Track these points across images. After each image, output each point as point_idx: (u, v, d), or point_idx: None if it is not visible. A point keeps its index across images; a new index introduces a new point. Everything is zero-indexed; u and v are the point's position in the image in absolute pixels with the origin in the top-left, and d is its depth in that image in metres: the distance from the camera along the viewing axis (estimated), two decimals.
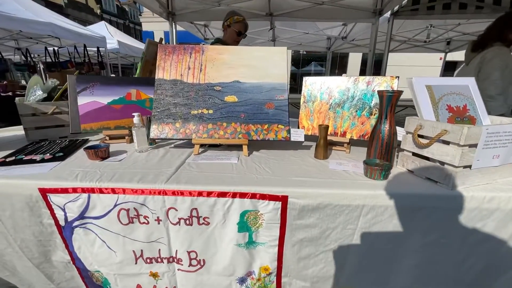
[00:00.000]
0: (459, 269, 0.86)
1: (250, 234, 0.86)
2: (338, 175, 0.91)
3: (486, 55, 2.04)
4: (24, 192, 0.85)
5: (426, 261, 0.85)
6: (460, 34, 4.62)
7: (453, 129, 0.75)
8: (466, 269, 0.86)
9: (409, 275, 0.89)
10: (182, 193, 0.81)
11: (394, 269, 0.88)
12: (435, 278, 0.88)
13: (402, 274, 0.89)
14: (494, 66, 1.98)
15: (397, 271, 0.89)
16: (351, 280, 0.91)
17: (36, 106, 1.26)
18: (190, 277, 0.94)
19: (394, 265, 0.88)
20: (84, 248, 0.92)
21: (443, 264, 0.86)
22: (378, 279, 0.91)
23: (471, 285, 0.88)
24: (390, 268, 0.88)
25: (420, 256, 0.85)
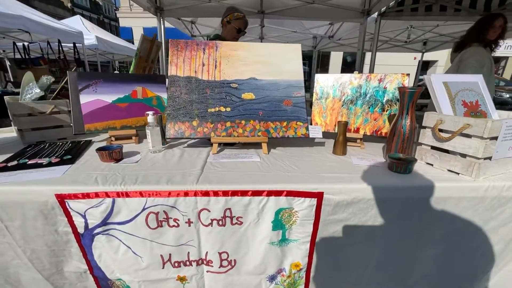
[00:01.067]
0: (474, 255, 0.92)
1: (283, 231, 0.85)
2: (364, 170, 0.93)
3: (464, 55, 2.23)
4: (38, 199, 0.78)
5: (447, 249, 0.90)
6: (437, 35, 4.92)
7: (476, 123, 0.80)
8: (480, 255, 0.92)
9: (430, 264, 0.94)
10: (216, 193, 0.79)
11: (418, 259, 0.92)
12: (453, 265, 0.93)
13: (425, 263, 0.93)
14: (468, 65, 2.16)
15: (420, 261, 0.93)
16: (377, 270, 0.94)
17: (32, 105, 1.15)
18: (220, 278, 0.91)
19: (418, 255, 0.92)
20: (106, 256, 0.86)
21: (462, 251, 0.91)
22: (402, 269, 0.95)
23: (483, 271, 0.95)
24: (415, 258, 0.92)
25: (442, 245, 0.90)
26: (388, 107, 1.21)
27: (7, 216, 0.80)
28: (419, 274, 0.96)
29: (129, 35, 12.79)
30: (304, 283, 0.96)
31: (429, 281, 0.98)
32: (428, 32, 4.74)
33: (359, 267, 0.93)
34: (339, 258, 0.91)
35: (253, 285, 0.94)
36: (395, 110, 1.21)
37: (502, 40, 2.25)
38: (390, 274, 0.96)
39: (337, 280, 0.97)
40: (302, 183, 0.81)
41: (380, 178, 0.86)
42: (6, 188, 0.77)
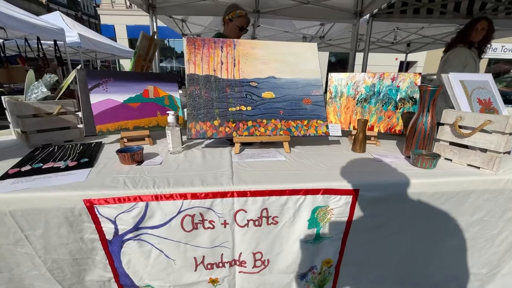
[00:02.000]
0: (493, 243, 0.97)
1: (318, 229, 0.85)
2: (389, 166, 0.96)
3: (449, 56, 2.41)
4: (65, 205, 0.73)
5: (469, 238, 0.95)
6: (420, 37, 5.15)
7: (497, 119, 0.84)
8: (499, 242, 0.97)
9: (452, 252, 0.98)
10: (254, 193, 0.77)
11: (442, 249, 0.96)
12: (474, 253, 0.98)
13: (446, 253, 0.98)
14: (451, 64, 2.33)
15: (440, 252, 0.97)
16: (403, 260, 0.97)
17: (38, 106, 1.08)
18: (252, 278, 0.90)
19: (441, 245, 0.96)
20: (135, 262, 0.82)
21: (482, 239, 0.96)
22: (424, 260, 0.98)
23: (501, 258, 1.00)
24: (440, 248, 0.95)
25: (463, 236, 0.94)
26: (401, 105, 1.25)
27: (28, 225, 0.74)
28: (438, 265, 1.00)
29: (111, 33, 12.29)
30: (333, 279, 0.97)
31: (447, 272, 1.03)
32: (413, 34, 4.95)
33: (384, 259, 0.95)
34: (365, 252, 0.93)
35: (284, 284, 0.94)
36: (408, 108, 1.25)
37: (489, 42, 2.41)
38: (412, 264, 0.99)
39: (360, 273, 0.99)
40: (337, 181, 0.82)
41: (408, 174, 0.88)
42: (28, 195, 0.72)
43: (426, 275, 1.02)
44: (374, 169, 0.92)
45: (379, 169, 0.93)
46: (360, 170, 0.91)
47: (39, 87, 1.11)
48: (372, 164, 0.98)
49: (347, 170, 0.91)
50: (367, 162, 1.01)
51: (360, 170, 0.91)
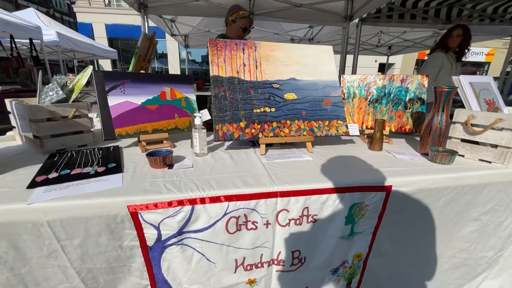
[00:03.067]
0: (499, 228, 1.06)
1: (352, 225, 0.89)
2: (411, 163, 1.02)
3: (428, 59, 2.70)
4: (108, 212, 0.70)
5: (481, 225, 1.03)
6: (402, 40, 5.44)
7: (508, 117, 0.93)
8: (504, 227, 1.06)
9: (466, 239, 1.06)
10: (296, 193, 0.79)
11: (458, 236, 1.03)
12: (483, 238, 1.07)
13: (461, 240, 1.05)
14: (428, 66, 2.62)
15: (458, 238, 1.04)
16: (422, 248, 1.03)
17: (53, 109, 1.02)
18: (288, 276, 0.92)
19: (457, 233, 1.03)
20: (176, 267, 0.80)
21: (491, 226, 1.05)
22: (441, 247, 1.05)
23: (505, 242, 1.10)
24: (456, 235, 1.03)
25: (478, 223, 1.02)
26: (411, 105, 1.33)
27: (66, 235, 0.70)
28: (454, 250, 1.07)
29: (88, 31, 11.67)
30: (361, 271, 1.01)
31: (461, 255, 1.10)
32: (395, 37, 5.22)
33: (407, 249, 1.01)
34: (391, 244, 0.98)
35: (317, 280, 0.96)
36: (416, 108, 1.33)
37: (467, 47, 2.65)
38: (431, 251, 1.05)
39: (385, 264, 1.04)
40: (372, 178, 0.86)
41: (431, 170, 0.94)
42: (67, 203, 0.68)
43: (442, 260, 1.09)
44: (401, 166, 0.97)
45: (405, 165, 0.98)
46: (388, 167, 0.96)
47: (54, 89, 1.04)
48: (394, 161, 1.04)
49: (377, 167, 0.96)
50: (390, 159, 1.06)
51: (388, 167, 0.96)
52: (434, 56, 2.61)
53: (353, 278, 1.02)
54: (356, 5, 3.41)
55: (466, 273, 1.15)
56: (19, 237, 0.68)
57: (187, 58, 6.21)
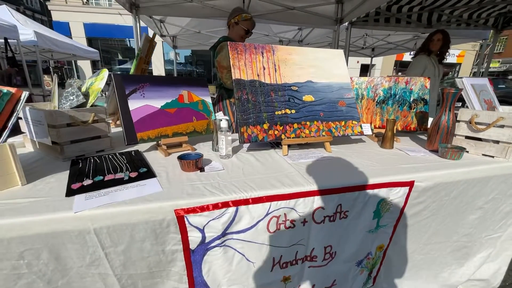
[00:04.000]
0: (495, 213, 1.17)
1: (378, 219, 0.94)
2: (424, 159, 1.09)
3: (413, 62, 2.93)
4: (154, 217, 0.70)
5: (483, 212, 1.13)
6: (385, 43, 5.71)
7: (509, 116, 1.03)
8: (498, 212, 1.17)
9: (470, 225, 1.15)
10: (331, 191, 0.83)
11: (465, 223, 1.13)
12: (483, 223, 1.17)
13: (466, 226, 1.14)
14: (413, 68, 2.83)
15: (464, 224, 1.14)
16: (433, 235, 1.11)
17: (73, 114, 0.98)
18: (319, 271, 0.95)
19: (464, 220, 1.12)
20: (216, 269, 0.81)
21: (489, 212, 1.15)
22: (449, 232, 1.14)
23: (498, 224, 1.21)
24: (463, 222, 1.12)
25: (481, 211, 1.12)
26: (415, 105, 1.42)
27: (111, 242, 0.69)
28: (459, 236, 1.16)
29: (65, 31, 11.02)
30: (381, 261, 1.08)
31: (463, 239, 1.19)
32: (380, 40, 5.47)
33: (420, 237, 1.09)
34: (407, 233, 1.05)
35: (344, 272, 1.01)
36: (420, 108, 1.42)
37: (447, 50, 2.87)
38: (443, 237, 1.14)
39: (401, 253, 1.11)
40: (396, 174, 0.92)
41: (445, 165, 1.03)
42: (113, 210, 0.68)
43: (447, 245, 1.18)
44: (416, 162, 1.05)
45: (420, 162, 1.06)
46: (405, 164, 1.02)
47: (74, 93, 1.01)
48: (410, 158, 1.11)
49: (397, 164, 1.02)
50: (404, 156, 1.13)
51: (405, 163, 1.03)
52: (418, 59, 2.83)
53: (374, 268, 1.08)
54: (346, 9, 3.54)
55: (466, 254, 1.24)
56: (62, 246, 0.67)
57: (175, 59, 6.10)
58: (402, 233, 1.05)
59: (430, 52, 2.80)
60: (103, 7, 12.61)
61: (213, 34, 5.36)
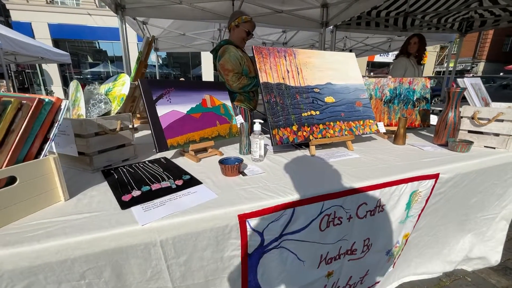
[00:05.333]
0: (490, 196, 1.30)
1: (408, 210, 1.02)
2: (438, 153, 1.19)
3: (394, 63, 3.19)
4: (219, 224, 0.70)
5: (482, 195, 1.25)
6: (363, 45, 6.05)
7: (507, 111, 1.17)
8: (491, 193, 1.30)
9: (469, 207, 1.26)
10: (374, 187, 0.88)
11: (467, 205, 1.24)
12: (479, 204, 1.29)
13: (466, 208, 1.26)
14: (395, 69, 3.10)
15: (466, 207, 1.25)
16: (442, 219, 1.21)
17: (101, 122, 0.93)
18: (356, 263, 1.00)
19: (471, 202, 1.23)
20: (270, 271, 0.82)
21: (488, 195, 1.27)
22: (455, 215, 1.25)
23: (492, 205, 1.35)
24: (471, 203, 1.23)
25: (481, 194, 1.24)
26: (418, 104, 1.54)
27: (174, 253, 0.68)
28: (461, 217, 1.28)
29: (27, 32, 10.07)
30: (403, 247, 1.15)
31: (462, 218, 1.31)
32: (359, 42, 5.78)
33: (435, 222, 1.18)
34: (425, 220, 1.14)
35: (375, 262, 1.07)
36: (422, 106, 1.54)
37: (423, 52, 3.13)
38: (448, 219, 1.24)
39: (417, 238, 1.20)
40: (423, 168, 1.00)
41: (458, 157, 1.13)
42: (178, 220, 0.66)
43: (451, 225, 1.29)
44: (432, 156, 1.14)
45: (435, 156, 1.15)
46: (424, 158, 1.11)
47: (102, 100, 0.95)
48: (424, 153, 1.21)
49: (418, 158, 1.11)
50: (419, 151, 1.23)
51: (424, 158, 1.12)
52: (399, 61, 3.09)
53: (397, 255, 1.15)
54: (331, 13, 3.69)
55: (461, 231, 1.37)
56: (125, 262, 0.64)
57: (157, 62, 5.90)
58: (422, 220, 1.14)
59: (409, 55, 3.05)
60: (70, 7, 11.76)
61: (197, 36, 5.29)
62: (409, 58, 3.06)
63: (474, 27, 4.46)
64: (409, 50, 3.03)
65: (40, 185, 0.66)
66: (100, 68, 13.99)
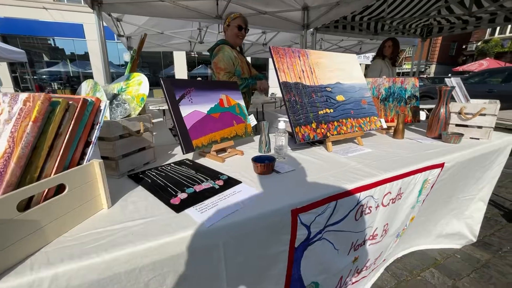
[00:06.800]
0: (470, 178, 1.50)
1: (418, 196, 1.12)
2: (435, 145, 1.33)
3: (371, 65, 3.50)
4: (274, 220, 0.71)
5: (465, 180, 1.43)
6: (337, 47, 6.38)
7: (489, 106, 1.34)
8: (471, 176, 1.49)
9: (455, 188, 1.43)
10: (397, 177, 0.96)
11: (462, 187, 1.41)
12: (463, 188, 1.47)
13: (459, 189, 1.43)
14: (371, 70, 3.36)
15: (461, 188, 1.42)
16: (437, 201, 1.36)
17: (126, 124, 0.88)
18: (375, 247, 1.08)
19: (460, 186, 1.40)
20: (312, 262, 0.85)
21: (469, 179, 1.46)
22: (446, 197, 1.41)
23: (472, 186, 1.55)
24: (460, 187, 1.40)
25: (465, 179, 1.41)
26: (409, 101, 1.69)
27: (234, 254, 0.68)
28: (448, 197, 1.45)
29: None
30: (405, 229, 1.27)
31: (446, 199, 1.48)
32: (334, 45, 6.09)
33: (433, 204, 1.32)
34: (427, 203, 1.26)
35: (387, 245, 1.17)
36: (413, 103, 1.70)
37: (397, 54, 3.43)
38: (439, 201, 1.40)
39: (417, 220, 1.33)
40: (432, 158, 1.11)
41: (454, 148, 1.27)
42: (237, 219, 0.66)
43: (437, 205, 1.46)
44: (432, 148, 1.26)
45: (434, 148, 1.28)
46: (425, 150, 1.23)
47: (126, 101, 0.89)
48: (423, 145, 1.33)
49: (421, 150, 1.22)
50: (418, 144, 1.35)
51: (425, 150, 1.24)
52: (375, 62, 3.36)
53: (402, 235, 1.27)
54: (312, 16, 3.85)
55: (446, 210, 1.54)
56: (188, 267, 0.62)
57: None
58: (425, 204, 1.26)
59: (384, 57, 3.32)
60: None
61: (175, 35, 5.12)
62: (384, 60, 3.32)
63: (433, 33, 4.97)
64: (384, 52, 3.28)
65: (85, 193, 0.61)
66: (59, 67, 12.75)
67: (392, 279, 1.40)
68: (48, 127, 0.53)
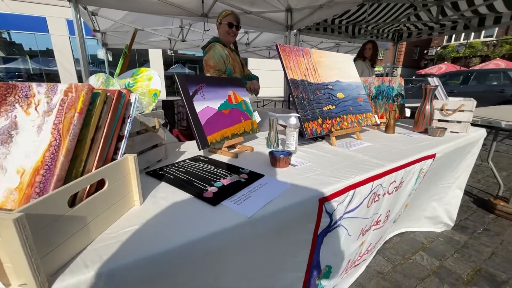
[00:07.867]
0: (448, 167, 1.67)
1: (415, 185, 1.23)
2: (423, 139, 1.46)
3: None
4: (303, 210, 0.74)
5: (445, 169, 1.59)
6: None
7: (467, 103, 1.51)
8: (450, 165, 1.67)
9: (443, 177, 1.60)
10: (402, 167, 1.05)
11: (446, 175, 1.56)
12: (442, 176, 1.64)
13: (443, 177, 1.59)
14: None
15: (445, 176, 1.58)
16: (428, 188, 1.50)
17: (143, 119, 0.85)
18: (377, 232, 1.17)
19: (445, 174, 1.56)
20: (329, 248, 0.90)
21: (449, 169, 1.63)
22: (434, 185, 1.56)
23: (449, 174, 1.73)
24: (446, 175, 1.56)
25: (446, 168, 1.58)
26: (396, 99, 1.83)
27: (271, 244, 0.70)
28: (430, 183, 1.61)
29: None
30: (400, 215, 1.38)
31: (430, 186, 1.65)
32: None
33: (423, 191, 1.46)
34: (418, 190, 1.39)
35: (386, 230, 1.27)
36: (400, 101, 1.84)
37: (376, 56, 3.66)
38: (424, 188, 1.55)
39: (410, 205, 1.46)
40: (427, 150, 1.22)
41: (440, 141, 1.40)
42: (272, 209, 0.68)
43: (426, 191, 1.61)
44: (421, 141, 1.38)
45: (423, 141, 1.40)
46: (417, 143, 1.35)
47: (145, 97, 0.86)
48: (414, 139, 1.45)
49: (414, 143, 1.34)
50: (409, 138, 1.47)
51: (416, 143, 1.35)
52: (357, 63, 3.52)
53: (397, 220, 1.38)
54: (296, 18, 3.96)
55: (428, 196, 1.71)
56: (234, 256, 0.63)
57: (107, 59, 5.26)
58: (417, 191, 1.38)
59: (365, 58, 3.52)
60: None
61: (155, 32, 4.94)
62: (365, 62, 3.53)
63: (403, 38, 5.37)
64: (365, 54, 3.48)
65: (121, 188, 0.59)
66: (18, 64, 11.61)
67: (388, 264, 1.51)
68: (90, 119, 0.51)
